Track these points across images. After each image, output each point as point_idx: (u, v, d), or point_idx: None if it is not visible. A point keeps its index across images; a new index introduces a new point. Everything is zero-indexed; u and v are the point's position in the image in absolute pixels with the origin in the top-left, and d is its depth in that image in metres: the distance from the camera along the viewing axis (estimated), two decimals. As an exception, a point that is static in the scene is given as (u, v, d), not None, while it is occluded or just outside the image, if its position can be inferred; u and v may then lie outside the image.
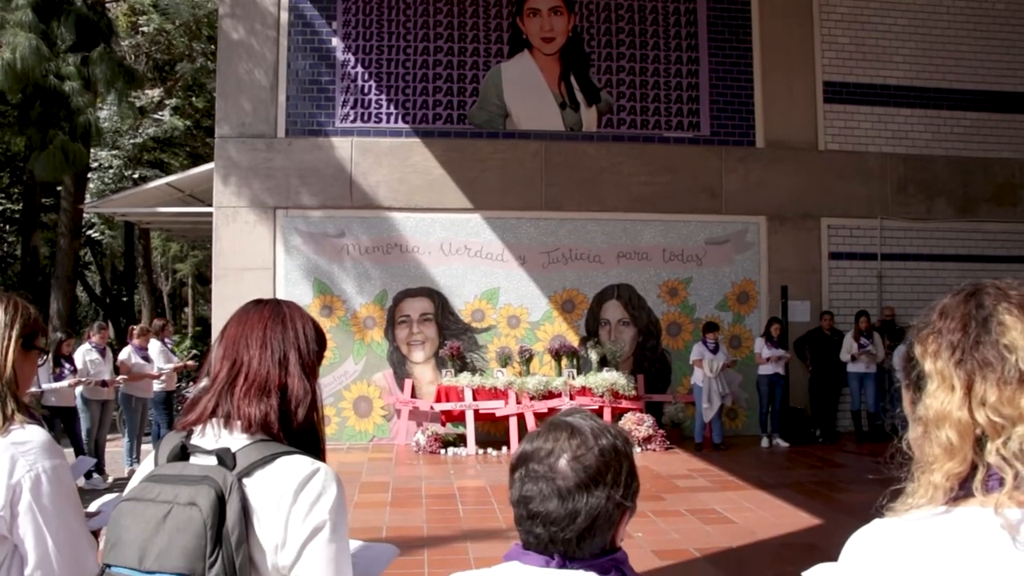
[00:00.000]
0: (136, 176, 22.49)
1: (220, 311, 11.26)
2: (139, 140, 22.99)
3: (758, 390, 11.46)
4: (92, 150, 19.82)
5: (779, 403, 11.38)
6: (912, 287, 12.50)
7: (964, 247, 12.80)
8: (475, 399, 11.12)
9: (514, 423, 10.97)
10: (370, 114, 11.86)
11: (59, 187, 19.54)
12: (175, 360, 11.08)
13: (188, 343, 19.41)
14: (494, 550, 1.29)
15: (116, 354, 10.30)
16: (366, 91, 11.88)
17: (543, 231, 12.01)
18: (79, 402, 9.42)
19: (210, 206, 11.96)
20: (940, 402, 1.15)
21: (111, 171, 22.99)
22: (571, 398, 11.07)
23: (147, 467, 1.65)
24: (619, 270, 12.12)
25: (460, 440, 11.05)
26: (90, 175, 21.53)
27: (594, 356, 11.74)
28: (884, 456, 1.30)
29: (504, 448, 10.94)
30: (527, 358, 11.60)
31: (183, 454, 1.59)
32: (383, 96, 11.90)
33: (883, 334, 11.71)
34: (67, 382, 9.02)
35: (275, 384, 1.62)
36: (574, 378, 11.37)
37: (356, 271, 11.73)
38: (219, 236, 11.56)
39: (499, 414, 11.09)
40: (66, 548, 1.83)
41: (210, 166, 12.29)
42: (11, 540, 1.82)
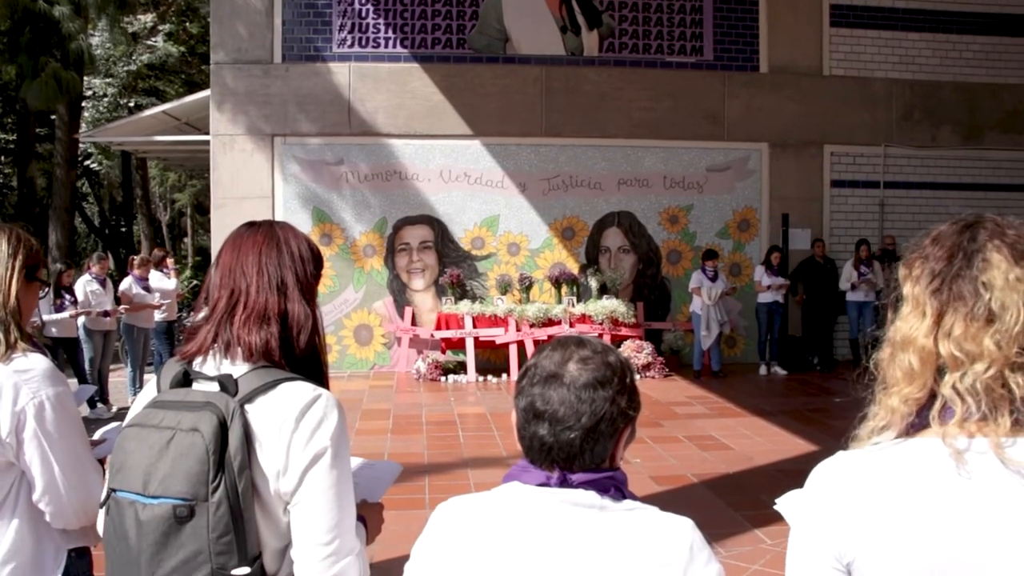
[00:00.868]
0: (131, 104, 22.24)
1: (220, 241, 11.17)
2: (133, 67, 22.66)
3: (757, 318, 11.50)
4: (85, 78, 19.56)
5: (778, 331, 11.43)
6: (914, 216, 12.43)
7: (968, 175, 12.70)
8: (475, 327, 11.17)
9: (514, 350, 11.05)
10: (368, 39, 11.64)
11: (53, 116, 19.34)
12: (174, 282, 11.01)
13: (188, 273, 19.40)
14: (495, 476, 1.31)
15: (116, 285, 10.30)
16: (364, 15, 11.64)
17: (543, 158, 11.91)
18: (81, 333, 9.46)
19: (207, 134, 11.83)
20: (909, 327, 1.18)
21: (106, 100, 22.72)
22: (571, 325, 11.12)
23: (149, 393, 1.64)
24: (619, 197, 12.06)
25: (460, 367, 11.14)
26: (84, 104, 21.29)
27: (594, 284, 11.76)
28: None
29: (504, 375, 11.04)
30: (527, 285, 11.61)
31: (185, 380, 1.59)
32: (381, 20, 11.67)
33: (883, 263, 11.70)
34: (68, 313, 9.03)
35: (275, 311, 1.61)
36: (574, 305, 11.41)
37: (355, 199, 11.66)
38: (217, 165, 11.47)
39: (499, 341, 11.16)
40: (72, 473, 1.85)
41: (206, 93, 12.11)
42: (18, 466, 1.85)
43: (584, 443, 1.27)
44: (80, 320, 9.33)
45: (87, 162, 23.43)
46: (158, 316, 10.38)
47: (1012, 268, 1.12)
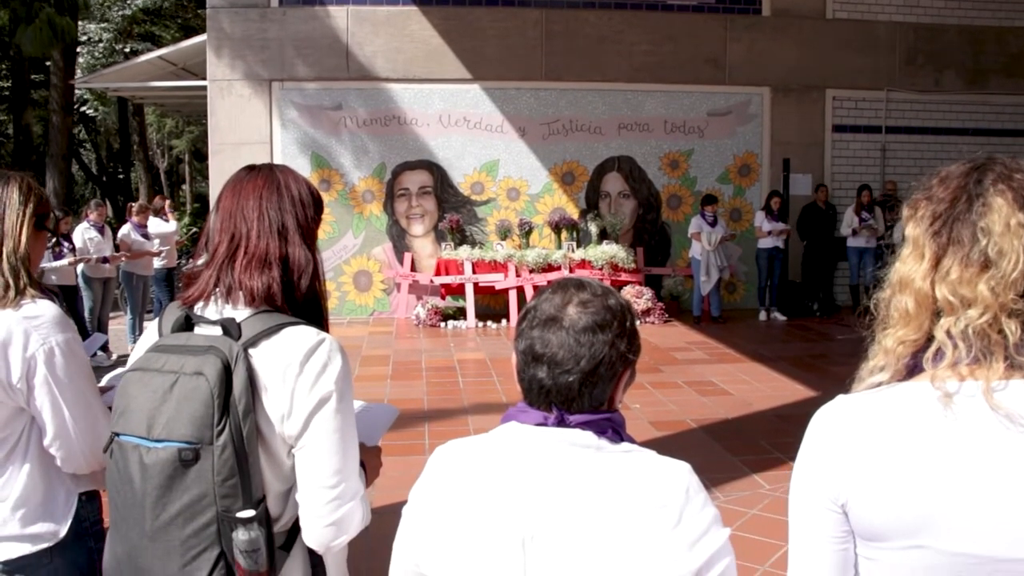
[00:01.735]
0: (127, 50, 21.95)
1: (218, 187, 11.13)
2: (128, 12, 22.32)
3: (757, 264, 11.49)
4: (80, 23, 19.28)
5: (778, 277, 11.44)
6: (916, 161, 12.35)
7: (971, 120, 12.58)
8: (474, 272, 11.18)
9: (513, 296, 11.07)
10: (364, -19, 11.46)
11: (48, 63, 19.08)
12: (173, 224, 11.01)
13: (187, 220, 19.34)
14: (494, 422, 1.33)
15: (115, 232, 10.27)
16: (360, -43, 11.43)
17: (543, 102, 11.80)
18: (80, 281, 9.45)
19: (204, 80, 11.70)
20: (908, 268, 1.17)
21: (101, 45, 22.42)
22: (570, 271, 11.12)
23: (151, 337, 1.65)
24: (620, 142, 11.97)
25: (460, 313, 11.17)
26: (79, 49, 21.01)
27: (594, 229, 11.73)
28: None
29: (504, 321, 11.08)
30: (527, 231, 11.59)
31: (187, 324, 1.59)
32: (377, -38, 11.47)
33: (884, 208, 11.67)
34: (67, 260, 9.01)
35: (276, 256, 1.61)
36: (574, 251, 11.40)
37: (354, 144, 11.58)
38: (214, 110, 11.37)
39: (499, 287, 11.17)
40: (82, 419, 1.87)
41: (202, 38, 11.95)
42: (28, 412, 1.87)
43: (583, 386, 1.27)
44: (79, 268, 9.31)
45: (83, 108, 23.19)
46: (157, 263, 10.38)
47: (1014, 214, 1.10)
